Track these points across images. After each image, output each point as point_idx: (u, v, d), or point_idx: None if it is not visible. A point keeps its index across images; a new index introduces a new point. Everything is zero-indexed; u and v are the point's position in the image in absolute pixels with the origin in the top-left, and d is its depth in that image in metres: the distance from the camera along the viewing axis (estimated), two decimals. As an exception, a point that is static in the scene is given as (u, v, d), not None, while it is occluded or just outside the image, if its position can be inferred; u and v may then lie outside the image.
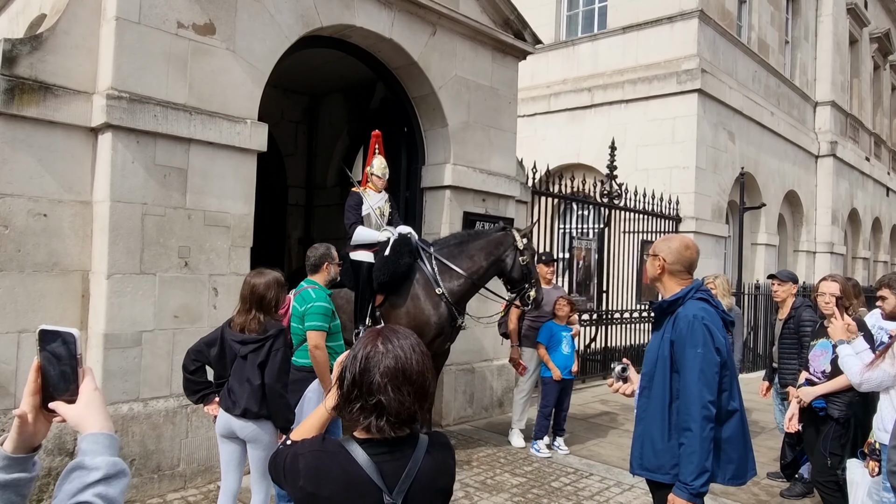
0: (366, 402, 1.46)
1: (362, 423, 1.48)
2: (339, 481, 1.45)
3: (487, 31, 7.07)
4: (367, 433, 1.50)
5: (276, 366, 3.38)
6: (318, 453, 1.49)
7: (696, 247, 2.80)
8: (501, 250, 5.62)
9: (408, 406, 1.47)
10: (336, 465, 1.46)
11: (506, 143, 7.44)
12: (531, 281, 5.63)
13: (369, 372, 1.47)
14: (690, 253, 2.73)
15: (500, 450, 6.07)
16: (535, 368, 6.18)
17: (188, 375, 3.58)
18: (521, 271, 5.60)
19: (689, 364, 2.58)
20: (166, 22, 4.65)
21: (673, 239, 2.82)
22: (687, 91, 11.49)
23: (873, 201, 20.00)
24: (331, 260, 4.20)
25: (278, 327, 3.50)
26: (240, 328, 3.47)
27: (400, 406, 1.46)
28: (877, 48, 20.66)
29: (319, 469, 1.46)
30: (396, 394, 1.45)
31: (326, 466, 1.46)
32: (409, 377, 1.48)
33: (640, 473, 2.80)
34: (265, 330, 3.43)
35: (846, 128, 18.17)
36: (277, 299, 3.55)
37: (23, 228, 4.26)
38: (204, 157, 4.85)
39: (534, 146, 12.49)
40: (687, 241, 2.79)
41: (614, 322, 9.97)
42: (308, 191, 9.87)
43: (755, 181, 13.46)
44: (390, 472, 1.48)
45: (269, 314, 3.51)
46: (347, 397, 1.49)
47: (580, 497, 4.97)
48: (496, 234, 5.76)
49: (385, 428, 1.46)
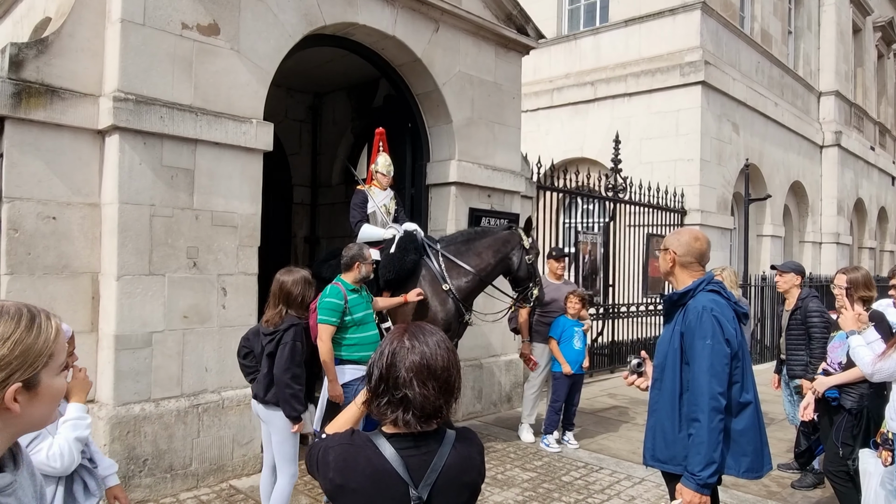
0: (392, 396, 1.51)
1: (389, 416, 1.52)
2: (366, 474, 1.49)
3: (490, 27, 7.06)
4: (394, 427, 1.55)
5: (284, 358, 3.62)
6: (346, 446, 1.54)
7: (707, 238, 2.81)
8: (508, 249, 5.64)
9: (433, 401, 1.51)
10: (363, 458, 1.51)
11: (510, 139, 7.44)
12: (535, 279, 5.68)
13: (395, 367, 1.52)
14: (701, 245, 2.74)
15: (510, 445, 6.08)
16: (545, 364, 6.19)
17: (240, 360, 3.96)
18: (528, 270, 5.64)
19: (698, 355, 2.59)
20: (171, 23, 4.66)
21: (683, 232, 2.83)
22: (690, 83, 11.46)
23: (878, 191, 19.93)
24: (362, 260, 4.48)
25: (291, 322, 3.68)
26: (265, 322, 3.76)
27: (425, 400, 1.50)
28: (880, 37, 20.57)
29: (347, 462, 1.51)
30: (422, 388, 1.49)
31: (354, 459, 1.51)
32: (434, 372, 1.51)
33: (653, 464, 2.81)
34: (281, 324, 3.68)
35: (850, 117, 18.10)
36: (304, 296, 3.77)
37: (32, 231, 4.28)
38: (210, 157, 4.86)
39: (537, 141, 12.48)
40: (697, 233, 2.80)
41: (621, 316, 9.96)
42: (313, 189, 9.88)
43: (760, 172, 13.43)
44: (416, 465, 1.51)
45: (297, 310, 3.74)
46: (375, 392, 1.55)
47: (591, 491, 4.98)
48: (503, 233, 5.78)
49: (411, 421, 1.50)
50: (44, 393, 1.14)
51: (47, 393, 1.15)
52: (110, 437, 4.35)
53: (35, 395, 1.13)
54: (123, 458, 4.39)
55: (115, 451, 4.36)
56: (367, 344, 4.62)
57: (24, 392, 1.11)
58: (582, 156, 12.65)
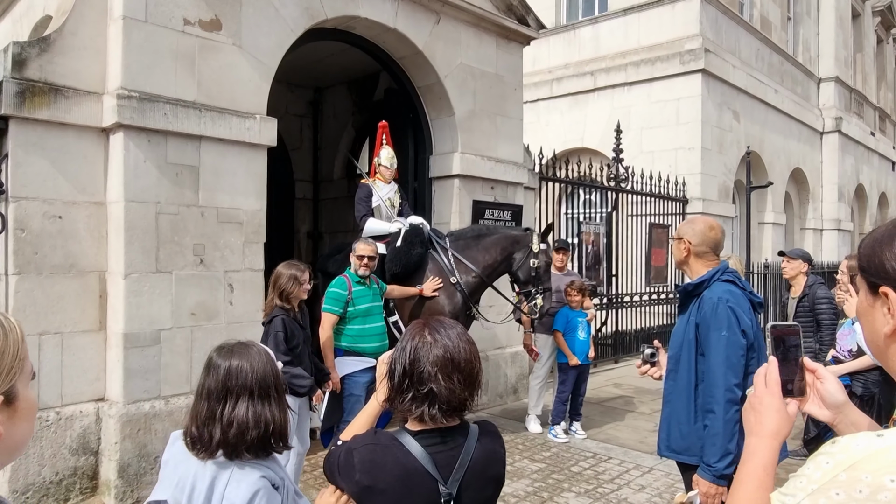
0: (417, 391, 1.50)
1: (414, 412, 1.51)
2: (395, 473, 1.47)
3: (491, 18, 7.03)
4: (419, 424, 1.53)
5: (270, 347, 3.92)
6: (371, 447, 1.51)
7: (721, 227, 2.81)
8: (515, 248, 5.51)
9: (458, 394, 1.50)
10: (391, 458, 1.49)
11: (512, 130, 7.42)
12: (539, 288, 5.41)
13: (419, 362, 1.50)
14: (715, 234, 2.74)
15: (518, 436, 6.10)
16: (549, 354, 6.20)
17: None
18: (528, 273, 5.42)
19: (713, 347, 2.59)
20: (172, 19, 4.63)
21: (697, 221, 2.83)
22: (690, 71, 11.43)
23: (879, 176, 19.92)
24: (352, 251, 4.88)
25: (276, 313, 3.99)
26: (263, 311, 4.15)
27: (451, 394, 1.49)
28: (879, 22, 20.50)
29: (375, 462, 1.49)
30: (447, 382, 1.48)
31: (381, 459, 1.49)
32: (458, 365, 1.51)
33: (668, 455, 2.82)
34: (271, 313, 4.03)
35: (850, 103, 18.06)
36: (288, 291, 4.02)
37: (39, 231, 4.28)
38: (215, 153, 4.85)
39: (537, 132, 12.45)
40: (711, 221, 2.80)
41: (624, 306, 9.98)
42: (315, 184, 9.86)
43: (761, 160, 13.41)
44: (444, 462, 1.51)
45: (283, 301, 4.03)
46: (399, 388, 1.53)
47: (600, 481, 5.00)
48: (514, 232, 5.68)
49: (437, 416, 1.49)
50: (23, 407, 0.96)
51: (26, 406, 0.97)
52: (121, 434, 4.36)
53: (15, 410, 0.95)
54: (135, 455, 4.40)
55: (127, 448, 4.37)
56: (371, 335, 4.72)
57: (5, 409, 0.93)
58: (583, 146, 12.63)
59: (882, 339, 0.99)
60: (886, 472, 0.82)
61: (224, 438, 1.63)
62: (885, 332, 0.98)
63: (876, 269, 0.98)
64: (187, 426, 1.71)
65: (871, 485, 0.82)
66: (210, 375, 1.70)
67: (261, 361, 1.71)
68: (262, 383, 1.68)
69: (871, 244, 1.00)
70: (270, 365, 1.73)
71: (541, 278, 5.44)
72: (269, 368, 1.71)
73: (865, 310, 1.03)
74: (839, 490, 0.84)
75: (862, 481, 0.83)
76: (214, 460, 1.65)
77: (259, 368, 1.69)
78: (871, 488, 0.82)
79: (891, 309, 0.96)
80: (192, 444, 1.68)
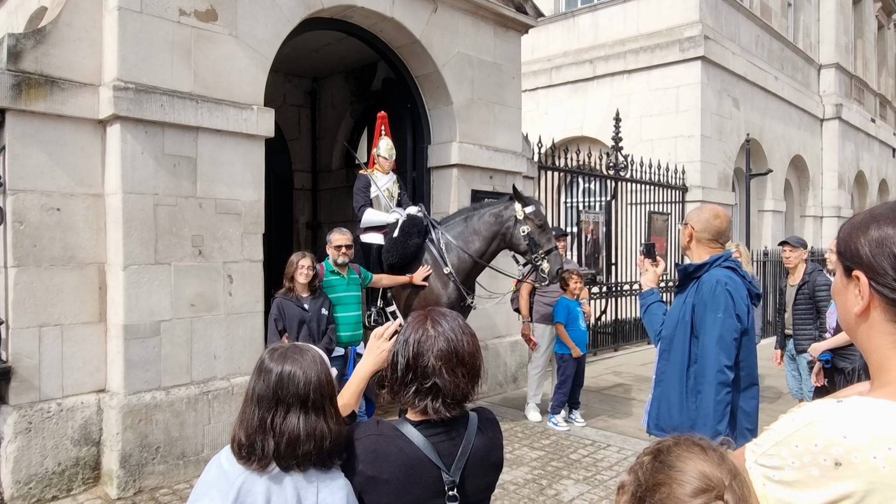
0: (421, 385, 1.49)
1: (417, 405, 1.51)
2: (399, 463, 1.48)
3: (489, 6, 6.99)
4: (422, 415, 1.53)
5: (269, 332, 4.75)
6: (374, 437, 1.52)
7: (728, 216, 2.84)
8: (502, 226, 5.36)
9: (462, 387, 1.50)
10: (394, 448, 1.49)
11: (511, 119, 7.40)
12: (540, 252, 5.25)
13: (423, 356, 1.49)
14: (720, 222, 2.76)
15: (518, 424, 6.13)
16: (548, 343, 6.21)
17: None
18: (522, 242, 5.28)
19: (708, 328, 2.62)
20: (168, 10, 4.61)
21: (704, 209, 2.87)
22: (690, 59, 11.37)
23: (879, 163, 19.86)
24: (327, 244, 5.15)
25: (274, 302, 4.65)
26: None
27: (455, 388, 1.49)
28: (880, 7, 20.37)
29: (378, 452, 1.49)
30: (451, 376, 1.48)
31: (385, 449, 1.49)
32: (462, 358, 1.51)
33: (657, 434, 2.84)
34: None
35: (851, 89, 17.98)
36: (286, 270, 4.74)
37: (37, 223, 4.28)
38: (212, 144, 4.85)
39: (536, 121, 12.42)
40: (717, 210, 2.83)
41: (624, 294, 9.99)
42: (313, 175, 9.85)
43: (761, 147, 13.37)
44: (446, 451, 1.52)
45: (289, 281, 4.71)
46: (402, 381, 1.52)
47: (599, 468, 5.03)
48: (495, 209, 5.48)
49: (441, 409, 1.49)
50: None
51: None
52: (123, 425, 4.38)
53: None
54: (136, 446, 4.43)
55: (128, 439, 4.40)
56: (342, 325, 4.95)
57: None
58: (582, 134, 12.59)
59: (853, 318, 1.07)
60: (840, 429, 0.93)
61: (277, 450, 1.51)
62: (855, 311, 1.06)
63: (851, 253, 1.05)
64: (234, 432, 1.59)
65: (826, 439, 0.93)
66: (261, 379, 1.57)
67: (315, 370, 1.57)
68: (317, 393, 1.55)
69: (850, 230, 1.07)
70: (325, 374, 1.59)
71: (538, 241, 5.26)
72: (323, 378, 1.58)
73: (840, 290, 1.11)
74: (798, 443, 0.96)
75: (819, 436, 0.94)
76: (290, 475, 1.53)
77: (314, 378, 1.55)
78: (826, 442, 0.93)
79: (861, 291, 1.04)
80: (242, 451, 1.55)
